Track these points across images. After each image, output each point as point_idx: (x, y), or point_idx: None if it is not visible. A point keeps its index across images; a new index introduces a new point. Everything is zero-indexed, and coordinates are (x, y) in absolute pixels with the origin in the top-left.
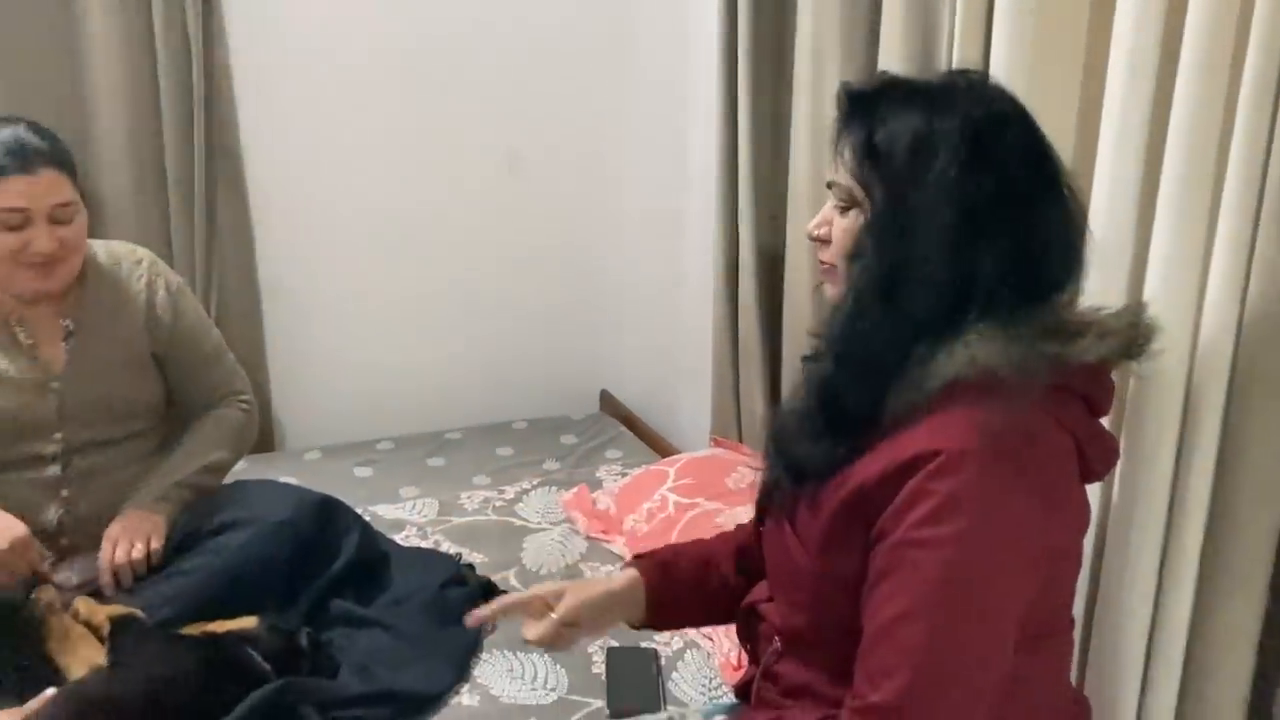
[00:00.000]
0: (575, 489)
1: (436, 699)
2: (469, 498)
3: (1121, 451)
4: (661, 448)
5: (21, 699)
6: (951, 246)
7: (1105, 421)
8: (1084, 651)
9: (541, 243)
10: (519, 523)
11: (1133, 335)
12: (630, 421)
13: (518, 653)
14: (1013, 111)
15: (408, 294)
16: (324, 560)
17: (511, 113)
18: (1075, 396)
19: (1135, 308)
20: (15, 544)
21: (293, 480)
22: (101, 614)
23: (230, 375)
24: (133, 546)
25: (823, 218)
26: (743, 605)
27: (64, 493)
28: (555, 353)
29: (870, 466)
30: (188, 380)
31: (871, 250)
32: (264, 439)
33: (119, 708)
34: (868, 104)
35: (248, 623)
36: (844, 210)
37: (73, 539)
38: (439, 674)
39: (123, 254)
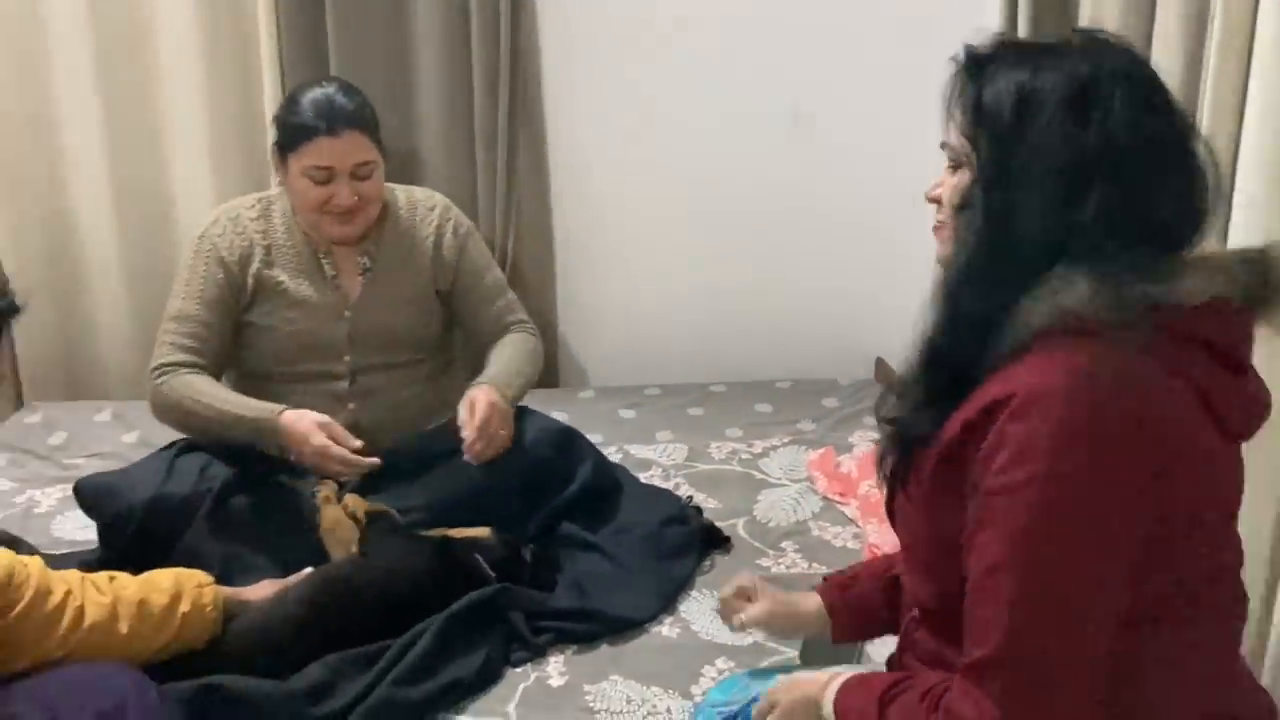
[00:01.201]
0: (822, 449)
1: (638, 625)
2: (718, 447)
3: None
4: None
5: (286, 573)
6: (1052, 202)
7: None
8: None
9: (824, 207)
10: (759, 476)
11: (1257, 273)
12: None
13: None
14: (1127, 69)
15: (690, 250)
16: (558, 484)
17: (799, 71)
18: (1196, 343)
19: (1258, 247)
20: (349, 461)
21: (564, 415)
22: (363, 509)
23: (513, 306)
24: (498, 433)
25: (937, 180)
26: (892, 574)
27: (350, 405)
28: (830, 316)
29: (955, 419)
30: (474, 312)
31: (975, 204)
32: (549, 375)
33: (354, 590)
34: (981, 64)
35: (481, 532)
36: (954, 169)
37: None
38: (645, 602)
39: (420, 199)
